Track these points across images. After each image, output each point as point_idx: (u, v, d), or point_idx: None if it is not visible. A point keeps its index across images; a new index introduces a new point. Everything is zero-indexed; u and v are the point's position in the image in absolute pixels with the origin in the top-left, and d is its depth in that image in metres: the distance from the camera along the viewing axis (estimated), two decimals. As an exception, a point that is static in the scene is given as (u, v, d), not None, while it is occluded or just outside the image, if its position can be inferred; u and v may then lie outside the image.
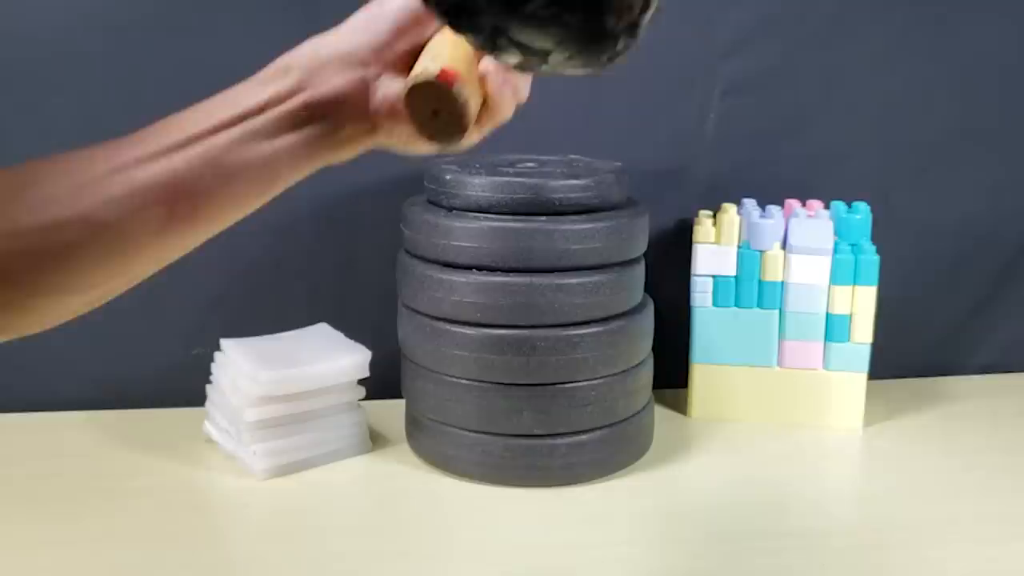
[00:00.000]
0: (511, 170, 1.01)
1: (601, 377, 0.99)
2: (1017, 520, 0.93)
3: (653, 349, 1.07)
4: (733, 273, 1.13)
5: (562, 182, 0.97)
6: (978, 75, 1.22)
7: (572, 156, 1.09)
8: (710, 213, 1.16)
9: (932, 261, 1.26)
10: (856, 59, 1.21)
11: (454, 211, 0.99)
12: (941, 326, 1.29)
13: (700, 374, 1.17)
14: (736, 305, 1.14)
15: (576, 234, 0.96)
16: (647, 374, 1.05)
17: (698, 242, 1.13)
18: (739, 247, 1.13)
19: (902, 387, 1.25)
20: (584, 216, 0.97)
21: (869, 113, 1.22)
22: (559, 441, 0.98)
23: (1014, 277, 1.28)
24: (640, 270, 1.04)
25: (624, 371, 1.01)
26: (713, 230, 1.13)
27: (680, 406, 1.19)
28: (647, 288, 1.07)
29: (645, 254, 1.05)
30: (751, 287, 1.13)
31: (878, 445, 1.11)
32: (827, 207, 1.16)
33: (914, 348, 1.28)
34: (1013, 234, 1.27)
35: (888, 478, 1.03)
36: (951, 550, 0.88)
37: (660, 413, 1.15)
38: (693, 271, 1.14)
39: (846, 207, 1.15)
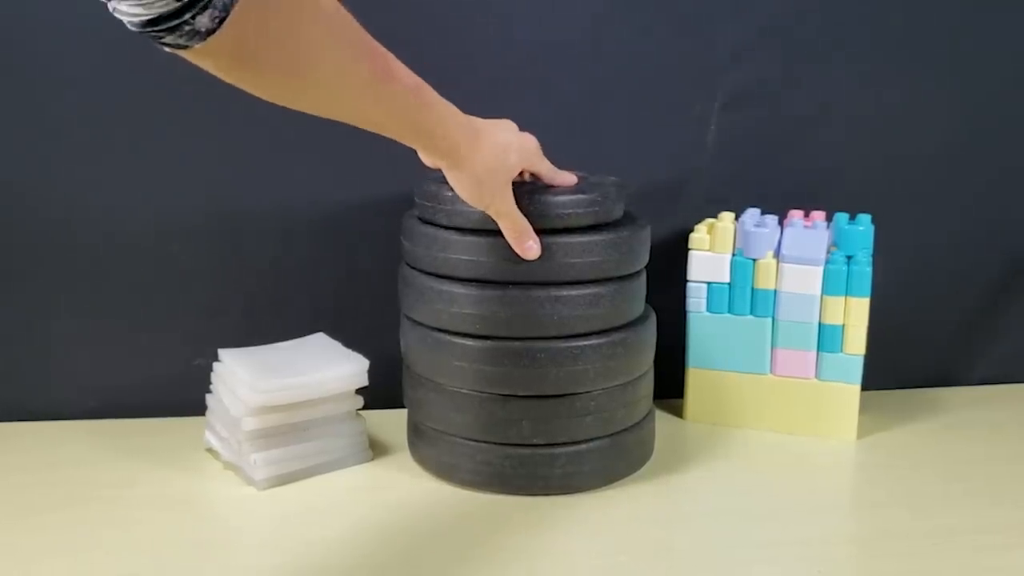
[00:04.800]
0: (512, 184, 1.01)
1: (601, 388, 1.00)
2: (1015, 531, 0.95)
3: (657, 359, 1.08)
4: (727, 280, 1.15)
5: (564, 197, 0.97)
6: (978, 87, 1.23)
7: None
8: (708, 221, 1.17)
9: (931, 272, 1.27)
10: (856, 71, 1.22)
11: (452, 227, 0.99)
12: (940, 338, 1.30)
13: (695, 378, 1.18)
14: (729, 312, 1.15)
15: (576, 248, 0.97)
16: (648, 385, 1.06)
17: (693, 249, 1.15)
18: (733, 255, 1.14)
19: (899, 398, 1.26)
20: (585, 230, 0.98)
21: (868, 125, 1.23)
22: (559, 451, 0.99)
23: (1014, 289, 1.29)
24: (641, 283, 1.05)
25: (625, 382, 1.01)
26: (708, 237, 1.15)
27: (677, 410, 1.20)
28: (650, 300, 1.08)
29: (648, 266, 1.06)
30: (744, 294, 1.14)
31: (873, 455, 1.12)
32: (830, 219, 1.17)
33: (913, 360, 1.29)
34: (1012, 246, 1.28)
35: (884, 488, 1.04)
36: (948, 561, 0.89)
37: (671, 429, 1.16)
38: (688, 277, 1.15)
39: (849, 219, 1.16)
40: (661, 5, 1.18)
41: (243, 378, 1.01)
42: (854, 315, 1.12)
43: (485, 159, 0.92)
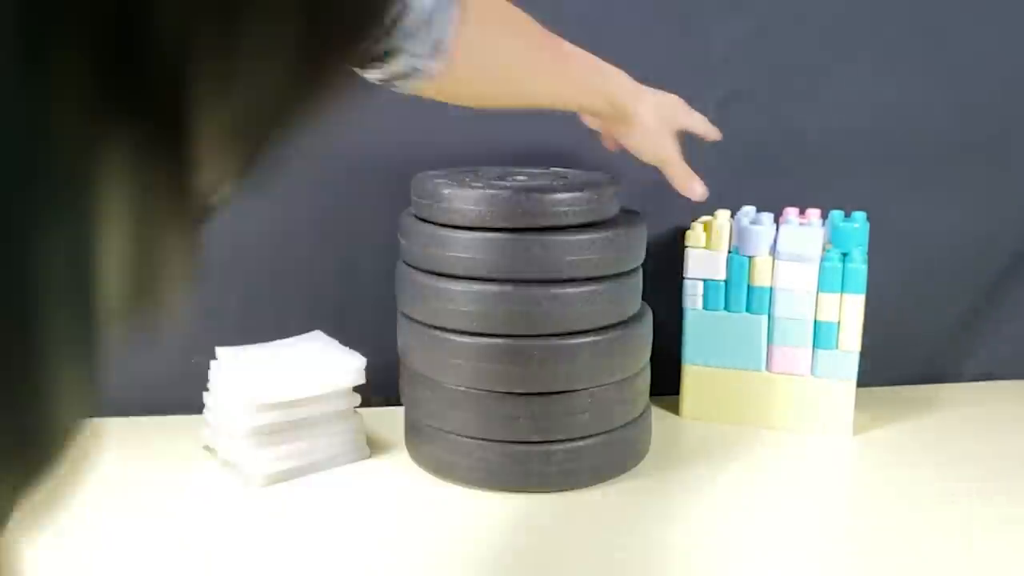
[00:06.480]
0: (507, 183, 1.01)
1: (598, 385, 1.00)
2: (1010, 526, 0.95)
3: (653, 357, 1.08)
4: (723, 277, 1.15)
5: (561, 195, 0.98)
6: (975, 86, 1.24)
7: (555, 168, 1.10)
8: (704, 219, 1.17)
9: (926, 269, 1.28)
10: (852, 70, 1.22)
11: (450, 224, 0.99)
12: (934, 334, 1.30)
13: (691, 375, 1.19)
14: (725, 309, 1.15)
15: (574, 245, 0.97)
16: (644, 382, 1.07)
17: (689, 246, 1.15)
18: (729, 252, 1.14)
19: (893, 395, 1.26)
20: (582, 228, 0.98)
21: (865, 124, 1.23)
22: (555, 448, 1.00)
23: (1008, 287, 1.30)
24: (638, 280, 1.05)
25: (621, 379, 1.02)
26: (704, 235, 1.15)
27: (673, 407, 1.21)
28: (645, 297, 1.08)
29: (644, 264, 1.06)
30: (740, 292, 1.15)
31: (869, 452, 1.12)
32: (825, 216, 1.18)
33: (907, 356, 1.29)
34: (1007, 244, 1.29)
35: (879, 484, 1.05)
36: (943, 556, 0.89)
37: (667, 426, 1.17)
38: (684, 274, 1.15)
39: (843, 216, 1.17)
40: (658, 3, 1.18)
41: (240, 376, 1.01)
42: (849, 312, 1.12)
43: (654, 113, 1.00)
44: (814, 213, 1.18)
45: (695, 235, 1.15)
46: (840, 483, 1.09)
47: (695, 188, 1.04)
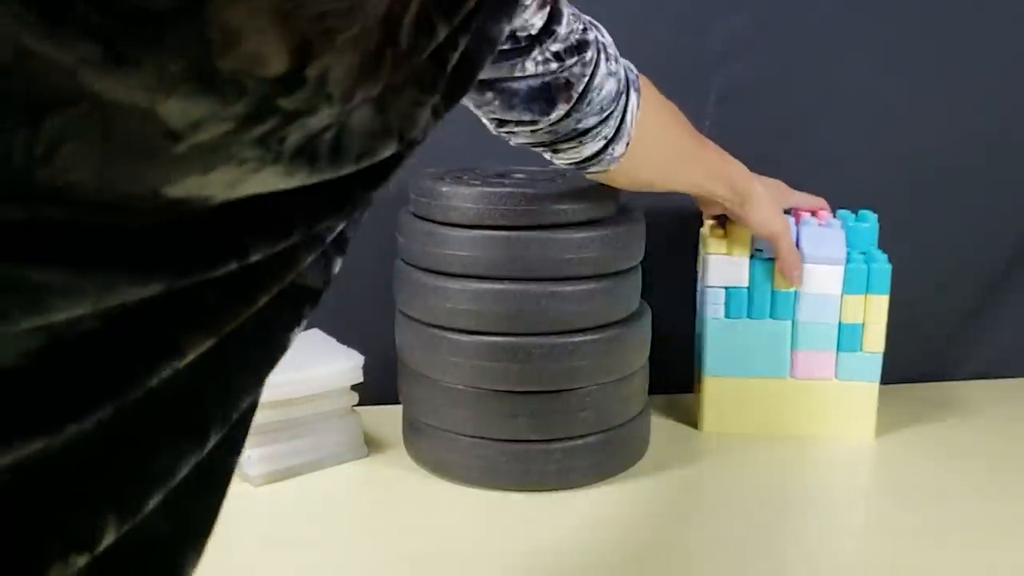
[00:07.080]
0: (506, 181, 1.01)
1: (596, 384, 0.98)
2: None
3: (652, 355, 1.06)
4: (745, 284, 1.11)
5: (562, 193, 0.97)
6: (977, 83, 1.20)
7: (554, 167, 1.10)
8: (710, 222, 1.15)
9: (927, 269, 1.24)
10: (853, 66, 1.19)
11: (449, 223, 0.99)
12: (940, 332, 1.27)
13: (712, 387, 1.14)
14: (748, 316, 1.12)
15: (573, 244, 0.96)
16: (642, 381, 1.04)
17: (709, 253, 1.12)
18: (752, 257, 1.11)
19: (911, 393, 1.22)
20: (581, 226, 0.97)
21: (866, 121, 1.21)
22: (553, 446, 0.98)
23: (1012, 285, 1.26)
24: (637, 278, 1.04)
25: (620, 378, 1.00)
26: (724, 241, 1.12)
27: (685, 415, 1.17)
28: (645, 295, 1.06)
29: (643, 261, 1.05)
30: (764, 298, 1.11)
31: (892, 453, 1.08)
32: (833, 215, 1.14)
33: (915, 354, 1.25)
34: (1011, 240, 1.25)
35: (904, 486, 1.00)
36: (971, 557, 0.85)
37: (666, 425, 1.14)
38: (705, 283, 1.12)
39: (853, 216, 1.13)
40: (658, 1, 1.18)
41: (241, 375, 1.02)
42: (873, 313, 1.08)
43: (766, 194, 1.04)
44: (825, 214, 1.14)
45: (716, 243, 1.11)
46: (861, 485, 1.04)
47: (795, 273, 1.06)
